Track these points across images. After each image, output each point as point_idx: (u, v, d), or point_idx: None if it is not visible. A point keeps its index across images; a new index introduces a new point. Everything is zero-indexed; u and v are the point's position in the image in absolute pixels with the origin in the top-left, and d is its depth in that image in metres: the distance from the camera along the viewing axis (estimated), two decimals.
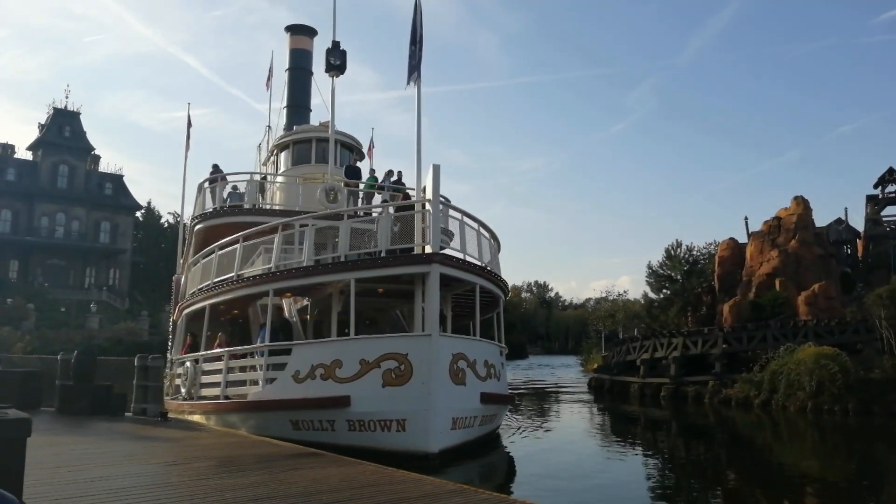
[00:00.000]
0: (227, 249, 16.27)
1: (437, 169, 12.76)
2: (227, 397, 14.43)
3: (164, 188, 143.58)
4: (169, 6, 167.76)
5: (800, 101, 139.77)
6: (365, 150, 25.83)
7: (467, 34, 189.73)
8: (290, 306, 17.50)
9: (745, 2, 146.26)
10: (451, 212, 14.66)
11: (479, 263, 14.86)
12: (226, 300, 15.90)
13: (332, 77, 20.04)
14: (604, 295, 71.16)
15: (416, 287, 13.41)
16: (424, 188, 14.34)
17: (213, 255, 16.75)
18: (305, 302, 16.85)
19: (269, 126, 31.03)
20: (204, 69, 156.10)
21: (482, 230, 15.63)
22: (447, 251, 13.64)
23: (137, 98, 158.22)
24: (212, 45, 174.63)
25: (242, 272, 15.53)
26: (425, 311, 12.55)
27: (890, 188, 48.17)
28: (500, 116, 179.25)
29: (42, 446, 9.48)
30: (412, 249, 13.72)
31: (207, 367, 15.62)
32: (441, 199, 13.37)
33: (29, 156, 69.62)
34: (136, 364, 15.26)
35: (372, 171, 21.54)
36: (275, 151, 24.24)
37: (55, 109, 69.32)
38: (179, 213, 33.48)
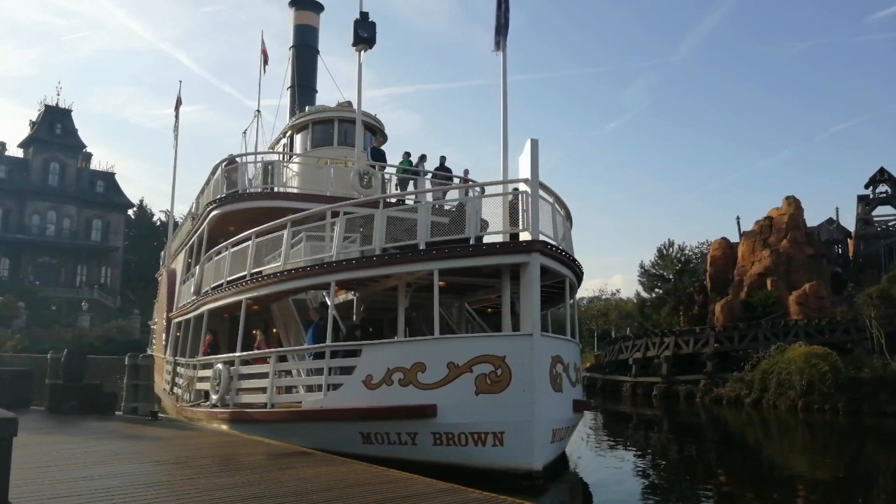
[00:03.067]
0: (267, 237, 14.41)
1: (535, 144, 11.10)
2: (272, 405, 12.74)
3: (155, 186, 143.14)
4: (160, 2, 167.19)
5: (792, 100, 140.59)
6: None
7: (460, 32, 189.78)
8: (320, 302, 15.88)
9: (737, 1, 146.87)
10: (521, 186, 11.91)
11: (570, 253, 12.96)
12: (268, 294, 13.95)
13: (360, 51, 18.23)
14: (596, 294, 71.21)
15: (503, 279, 11.82)
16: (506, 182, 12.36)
17: (247, 244, 14.75)
18: (351, 297, 15.15)
19: (258, 111, 29.78)
20: (195, 66, 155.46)
21: (557, 206, 12.80)
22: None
23: (128, 95, 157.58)
24: (203, 41, 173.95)
25: (267, 264, 13.96)
26: (523, 306, 10.92)
27: (881, 188, 48.43)
28: (493, 115, 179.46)
29: (31, 445, 9.43)
30: (472, 238, 11.87)
31: (247, 370, 13.70)
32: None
33: (20, 153, 69.33)
34: (126, 362, 15.18)
35: (406, 154, 19.67)
36: (288, 133, 22.17)
37: (46, 107, 69.03)
38: (170, 209, 32.75)
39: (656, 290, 49.90)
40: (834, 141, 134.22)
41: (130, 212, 76.96)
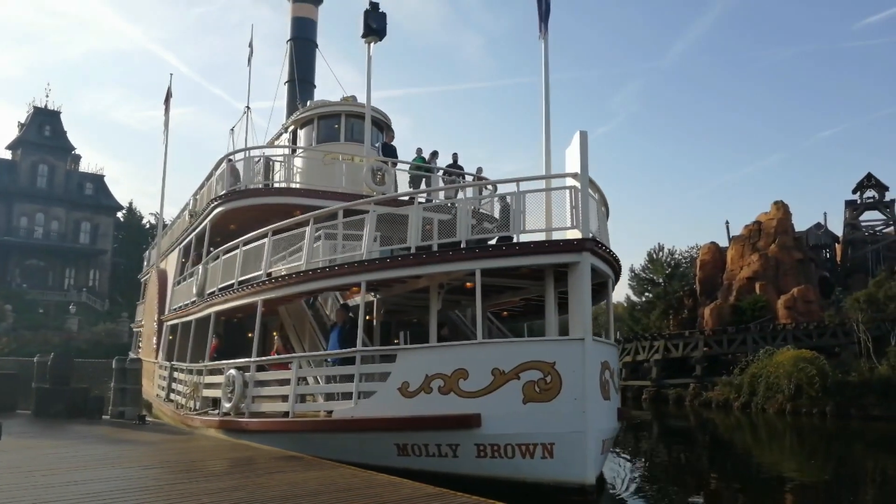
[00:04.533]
0: (284, 234, 13.59)
1: (584, 136, 10.48)
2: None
3: (145, 188, 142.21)
4: (149, 3, 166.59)
5: (782, 105, 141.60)
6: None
7: (451, 35, 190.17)
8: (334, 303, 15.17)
9: (727, 6, 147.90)
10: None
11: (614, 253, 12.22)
12: (287, 295, 13.11)
13: (370, 43, 17.47)
14: None
15: (546, 280, 11.14)
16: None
17: (262, 242, 13.93)
18: (371, 298, 14.17)
19: (247, 107, 28.73)
20: (185, 67, 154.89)
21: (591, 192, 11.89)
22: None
23: (117, 96, 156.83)
24: (193, 43, 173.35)
25: (275, 264, 13.24)
26: (573, 308, 10.23)
27: (868, 194, 48.88)
28: (484, 118, 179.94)
29: (16, 450, 9.37)
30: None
31: (264, 376, 12.88)
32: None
33: (8, 155, 68.78)
34: (113, 366, 15.09)
35: (419, 150, 18.91)
36: (291, 128, 21.23)
37: (35, 108, 68.54)
38: (159, 208, 31.88)
39: (646, 293, 50.14)
40: (823, 146, 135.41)
41: (119, 214, 76.44)
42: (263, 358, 13.20)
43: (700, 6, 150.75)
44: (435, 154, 18.53)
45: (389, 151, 18.65)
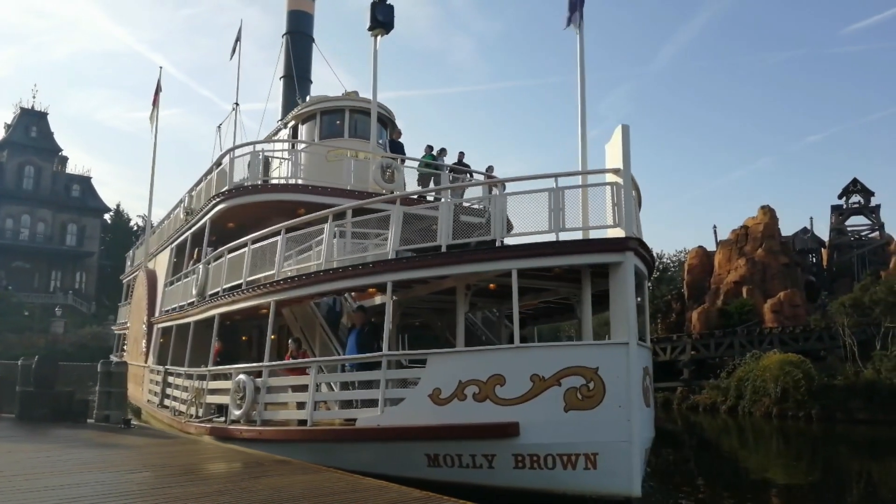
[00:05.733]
0: (297, 233, 13.04)
1: (626, 130, 9.93)
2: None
3: (132, 190, 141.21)
4: (138, 3, 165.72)
5: (770, 110, 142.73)
6: None
7: (443, 38, 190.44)
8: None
9: (716, 11, 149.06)
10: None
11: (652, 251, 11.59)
12: (304, 295, 12.50)
13: (376, 36, 16.95)
14: None
15: (583, 281, 10.59)
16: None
17: (274, 240, 13.29)
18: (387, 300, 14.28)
19: (236, 103, 28.42)
20: (173, 68, 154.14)
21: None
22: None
23: (105, 97, 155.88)
24: (181, 44, 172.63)
25: (281, 264, 12.67)
26: (615, 310, 9.69)
27: (854, 199, 49.33)
28: (476, 122, 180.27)
29: None
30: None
31: (277, 382, 12.25)
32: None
33: None
34: (98, 369, 14.96)
35: (429, 147, 18.18)
36: (291, 123, 20.39)
37: (22, 109, 68.03)
38: (147, 208, 31.12)
39: None
40: (810, 151, 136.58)
41: (107, 216, 75.95)
42: (278, 362, 12.63)
43: (689, 11, 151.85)
44: (443, 151, 18.08)
45: (397, 148, 18.15)
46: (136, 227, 77.58)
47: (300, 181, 17.14)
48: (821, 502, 12.62)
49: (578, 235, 10.46)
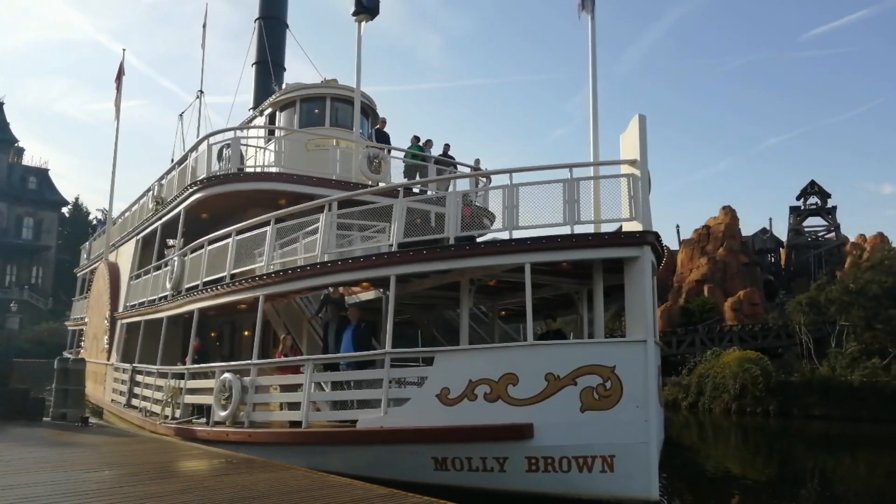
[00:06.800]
0: (293, 222, 12.47)
1: (643, 120, 9.57)
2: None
3: (92, 183, 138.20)
4: None
5: (730, 113, 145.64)
6: None
7: (410, 35, 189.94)
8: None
9: (679, 16, 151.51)
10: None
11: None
12: (298, 289, 12.00)
13: (361, 22, 16.45)
14: None
15: (595, 277, 10.17)
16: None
17: (263, 230, 12.70)
18: (380, 294, 13.08)
19: (201, 91, 27.86)
20: (135, 59, 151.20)
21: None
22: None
23: (64, 87, 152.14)
24: (143, 34, 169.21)
25: (277, 256, 12.18)
26: (632, 306, 9.34)
27: (811, 200, 50.55)
28: (442, 119, 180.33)
29: None
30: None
31: (267, 381, 11.69)
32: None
33: None
34: (55, 366, 14.60)
35: (415, 138, 17.74)
36: (268, 111, 19.53)
37: None
38: (109, 200, 29.81)
39: None
40: (769, 153, 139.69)
41: (65, 210, 74.19)
42: (269, 360, 12.14)
43: (654, 14, 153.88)
44: (429, 143, 17.76)
45: (383, 139, 17.59)
46: (95, 221, 75.93)
47: (279, 170, 16.45)
48: (778, 496, 12.92)
49: (590, 229, 10.12)
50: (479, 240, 10.93)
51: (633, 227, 9.51)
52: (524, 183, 10.09)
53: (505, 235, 10.11)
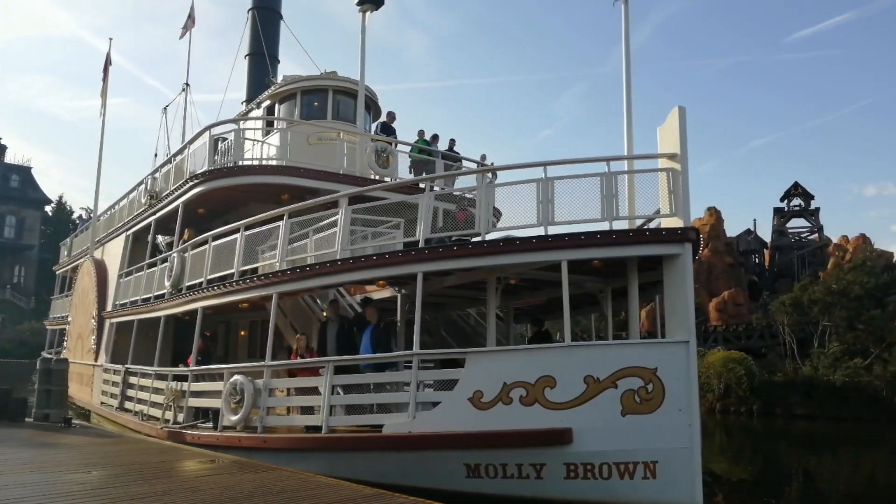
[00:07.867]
0: (307, 217, 11.90)
1: (682, 112, 9.30)
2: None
3: (75, 181, 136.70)
4: None
5: (716, 114, 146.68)
6: None
7: (397, 34, 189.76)
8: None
9: (665, 17, 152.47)
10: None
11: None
12: (312, 287, 11.51)
13: (365, 13, 16.08)
14: None
15: (629, 275, 9.79)
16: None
17: (275, 224, 12.21)
18: (395, 293, 12.67)
19: (186, 83, 26.97)
20: (119, 56, 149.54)
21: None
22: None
23: (46, 84, 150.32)
24: (128, 31, 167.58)
25: (287, 254, 11.64)
26: (671, 306, 8.98)
27: (795, 202, 51.09)
28: (429, 119, 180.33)
29: None
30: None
31: (280, 383, 11.32)
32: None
33: None
34: (38, 366, 14.44)
35: (421, 132, 17.29)
36: (267, 104, 18.89)
37: None
38: (92, 201, 29.08)
39: None
40: (754, 155, 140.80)
41: (48, 208, 73.38)
42: (285, 362, 11.52)
43: (639, 16, 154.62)
44: (435, 137, 17.32)
45: (389, 132, 17.06)
46: (78, 220, 75.20)
47: (279, 163, 15.83)
48: (762, 495, 13.03)
49: (625, 224, 9.74)
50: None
51: (672, 223, 9.16)
52: (560, 177, 9.61)
53: (517, 233, 9.83)
